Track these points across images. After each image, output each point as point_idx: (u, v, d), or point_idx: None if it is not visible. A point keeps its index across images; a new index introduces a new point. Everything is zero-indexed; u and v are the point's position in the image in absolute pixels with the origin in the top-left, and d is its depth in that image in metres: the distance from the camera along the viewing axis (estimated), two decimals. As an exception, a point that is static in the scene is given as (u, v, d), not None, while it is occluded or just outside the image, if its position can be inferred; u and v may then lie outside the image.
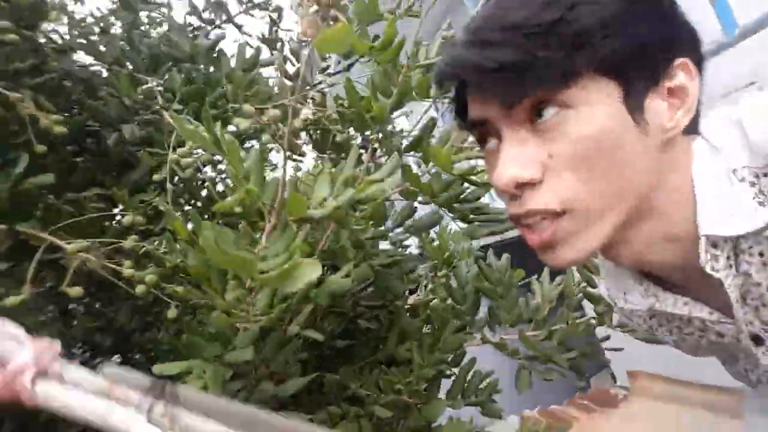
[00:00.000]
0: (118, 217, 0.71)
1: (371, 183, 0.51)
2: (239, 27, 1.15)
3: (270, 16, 1.14)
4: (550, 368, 0.79)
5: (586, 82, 0.38)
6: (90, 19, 0.89)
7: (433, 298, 0.89)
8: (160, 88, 0.74)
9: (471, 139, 0.70)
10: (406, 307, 0.86)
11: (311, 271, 0.40)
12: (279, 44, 1.13)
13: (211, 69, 0.89)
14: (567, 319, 0.82)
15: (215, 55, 0.89)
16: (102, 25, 0.84)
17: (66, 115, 0.77)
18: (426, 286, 0.94)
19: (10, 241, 0.65)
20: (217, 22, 1.18)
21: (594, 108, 0.38)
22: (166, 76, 0.74)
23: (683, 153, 0.42)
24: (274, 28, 1.15)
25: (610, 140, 0.38)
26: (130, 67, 0.79)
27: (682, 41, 0.41)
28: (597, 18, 0.37)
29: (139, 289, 0.57)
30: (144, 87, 0.75)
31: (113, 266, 0.60)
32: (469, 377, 0.76)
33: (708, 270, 0.41)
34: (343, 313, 0.78)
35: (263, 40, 1.19)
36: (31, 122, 0.62)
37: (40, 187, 0.64)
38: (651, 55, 0.39)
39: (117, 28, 0.90)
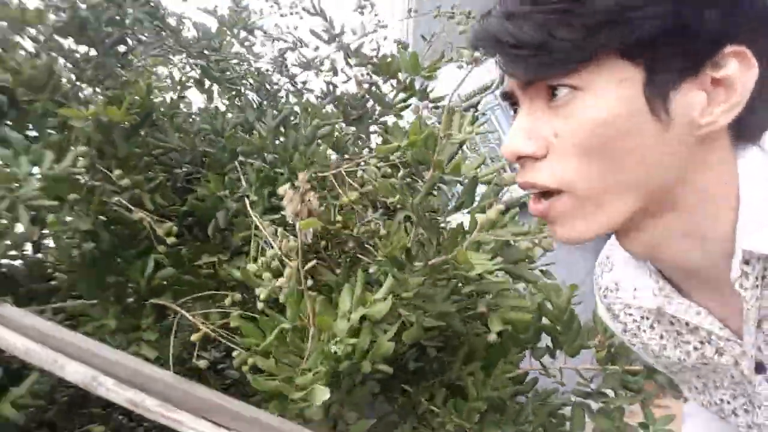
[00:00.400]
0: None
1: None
2: (300, 87, 1.32)
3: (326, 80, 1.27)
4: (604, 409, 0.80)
5: (603, 65, 0.36)
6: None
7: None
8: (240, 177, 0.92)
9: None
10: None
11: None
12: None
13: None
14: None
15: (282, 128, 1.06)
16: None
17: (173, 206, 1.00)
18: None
19: (155, 314, 0.88)
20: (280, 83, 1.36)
21: (605, 92, 0.36)
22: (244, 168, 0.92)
23: (722, 153, 0.39)
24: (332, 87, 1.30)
25: (616, 128, 0.36)
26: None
27: (743, 26, 0.36)
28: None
29: (236, 363, 0.75)
30: (227, 179, 0.94)
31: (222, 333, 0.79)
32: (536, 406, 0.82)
33: (736, 286, 0.39)
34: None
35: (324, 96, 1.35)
36: (152, 229, 0.84)
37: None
38: (689, 41, 0.36)
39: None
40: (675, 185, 0.38)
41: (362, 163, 0.93)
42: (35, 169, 0.81)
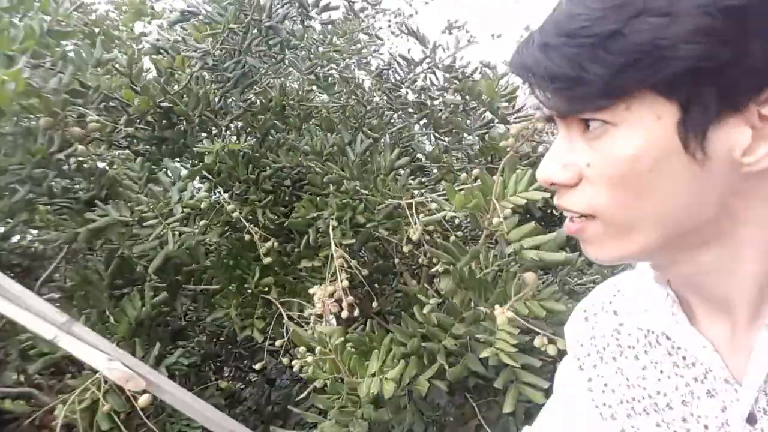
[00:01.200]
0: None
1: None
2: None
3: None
4: None
5: (635, 100, 0.35)
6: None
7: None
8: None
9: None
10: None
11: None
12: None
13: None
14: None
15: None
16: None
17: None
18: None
19: (264, 306, 1.16)
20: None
21: (638, 129, 0.36)
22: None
23: None
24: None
25: (648, 164, 0.36)
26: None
27: None
28: (662, 34, 0.33)
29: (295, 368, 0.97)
30: (319, 201, 1.13)
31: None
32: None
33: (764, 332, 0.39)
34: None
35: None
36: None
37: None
38: (730, 77, 0.34)
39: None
40: (717, 219, 0.38)
41: (429, 201, 1.03)
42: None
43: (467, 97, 1.21)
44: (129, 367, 0.76)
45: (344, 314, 0.94)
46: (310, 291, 0.99)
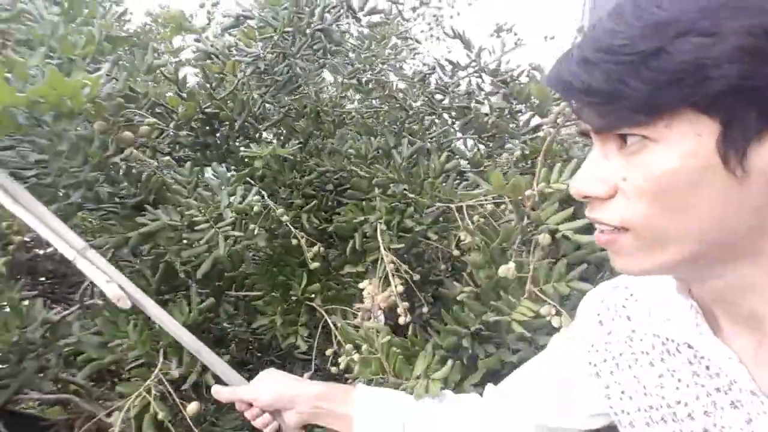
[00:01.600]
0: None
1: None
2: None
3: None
4: None
5: (676, 117, 0.36)
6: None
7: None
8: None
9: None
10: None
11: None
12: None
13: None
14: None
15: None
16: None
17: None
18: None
19: (308, 313, 1.14)
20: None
21: (677, 145, 0.36)
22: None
23: None
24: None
25: (686, 180, 0.36)
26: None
27: None
28: (706, 54, 0.33)
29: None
30: (365, 204, 1.12)
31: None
32: None
33: None
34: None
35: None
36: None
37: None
38: None
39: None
40: (751, 235, 0.38)
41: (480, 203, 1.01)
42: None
43: (513, 100, 1.19)
44: (123, 289, 0.86)
45: (402, 320, 0.92)
46: (360, 285, 0.97)
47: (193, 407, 0.86)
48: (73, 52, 1.02)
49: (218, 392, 0.83)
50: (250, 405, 0.81)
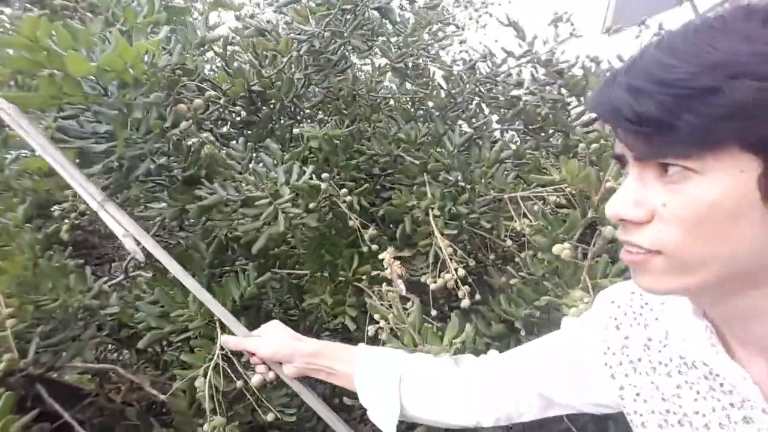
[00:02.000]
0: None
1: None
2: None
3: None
4: None
5: (722, 152, 0.37)
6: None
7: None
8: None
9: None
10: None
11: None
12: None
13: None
14: None
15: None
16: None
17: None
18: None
19: (356, 294, 1.15)
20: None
21: (721, 179, 0.38)
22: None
23: None
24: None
25: (726, 212, 0.38)
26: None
27: None
28: (761, 96, 0.35)
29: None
30: (416, 189, 1.12)
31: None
32: None
33: None
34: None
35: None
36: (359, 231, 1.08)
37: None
38: None
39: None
40: None
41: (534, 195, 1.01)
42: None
43: (565, 92, 1.19)
44: (137, 241, 0.89)
45: (465, 303, 0.93)
46: (380, 256, 0.98)
47: (257, 378, 0.87)
48: (135, 20, 1.01)
49: (226, 341, 0.89)
50: (253, 354, 0.87)
